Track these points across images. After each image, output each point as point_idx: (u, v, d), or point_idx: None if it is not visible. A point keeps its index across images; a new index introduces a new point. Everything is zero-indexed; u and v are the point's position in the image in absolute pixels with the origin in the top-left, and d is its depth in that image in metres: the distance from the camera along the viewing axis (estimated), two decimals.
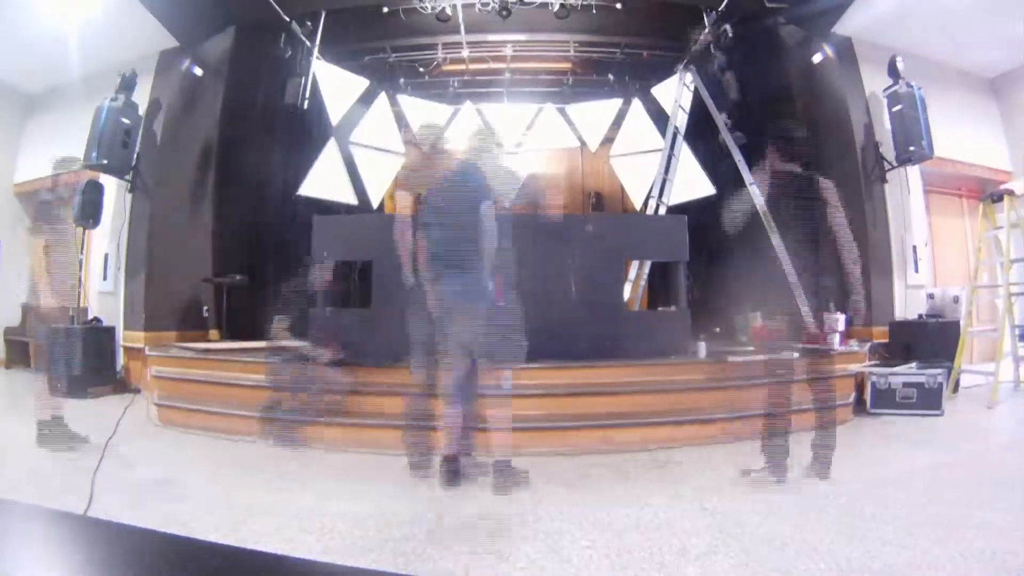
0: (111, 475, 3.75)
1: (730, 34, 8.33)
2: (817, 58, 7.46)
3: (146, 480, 3.80)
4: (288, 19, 7.99)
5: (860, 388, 5.90)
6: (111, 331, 6.97)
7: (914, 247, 7.11)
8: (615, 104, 10.59)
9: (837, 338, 6.33)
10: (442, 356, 3.76)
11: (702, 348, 5.85)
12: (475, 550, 2.77)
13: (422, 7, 7.92)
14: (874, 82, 7.20)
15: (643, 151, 10.31)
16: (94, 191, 6.84)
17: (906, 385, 5.74)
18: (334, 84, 9.10)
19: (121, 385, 6.87)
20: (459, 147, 4.07)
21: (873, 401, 5.79)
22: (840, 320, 6.55)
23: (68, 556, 1.72)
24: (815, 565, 2.55)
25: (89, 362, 6.51)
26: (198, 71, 7.59)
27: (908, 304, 6.94)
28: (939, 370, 5.75)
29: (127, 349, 7.09)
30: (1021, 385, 6.57)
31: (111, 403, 6.26)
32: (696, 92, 8.92)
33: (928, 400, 5.67)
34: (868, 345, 6.44)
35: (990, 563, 2.52)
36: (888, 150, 7.04)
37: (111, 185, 7.15)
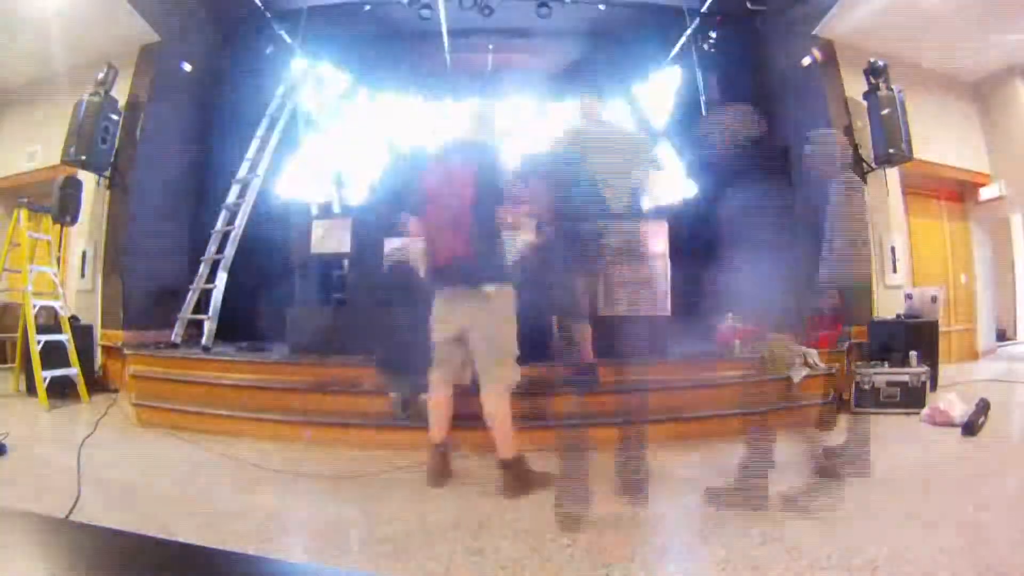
0: (86, 478, 3.71)
1: (711, 35, 8.38)
2: (798, 60, 7.51)
3: (122, 483, 3.75)
4: (269, 15, 7.94)
5: (841, 387, 5.96)
6: (89, 329, 6.87)
7: (893, 248, 7.18)
8: (596, 103, 10.58)
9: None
10: None
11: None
12: (456, 549, 2.76)
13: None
14: (855, 84, 7.26)
15: (622, 152, 10.34)
16: (72, 187, 6.74)
17: (890, 384, 5.79)
18: (315, 81, 9.05)
19: (99, 385, 6.77)
20: None
21: (857, 400, 5.83)
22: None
23: (49, 560, 1.68)
24: (795, 563, 2.57)
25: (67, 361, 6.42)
26: (187, 67, 7.53)
27: (887, 304, 7.01)
28: (923, 368, 5.82)
29: (105, 348, 7.00)
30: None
31: (89, 403, 6.19)
32: (678, 91, 8.98)
33: (912, 398, 5.72)
34: (847, 344, 6.49)
35: (970, 558, 2.54)
36: (868, 152, 7.10)
37: (90, 181, 7.05)
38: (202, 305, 7.09)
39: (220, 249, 7.26)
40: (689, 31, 8.47)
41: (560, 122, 9.59)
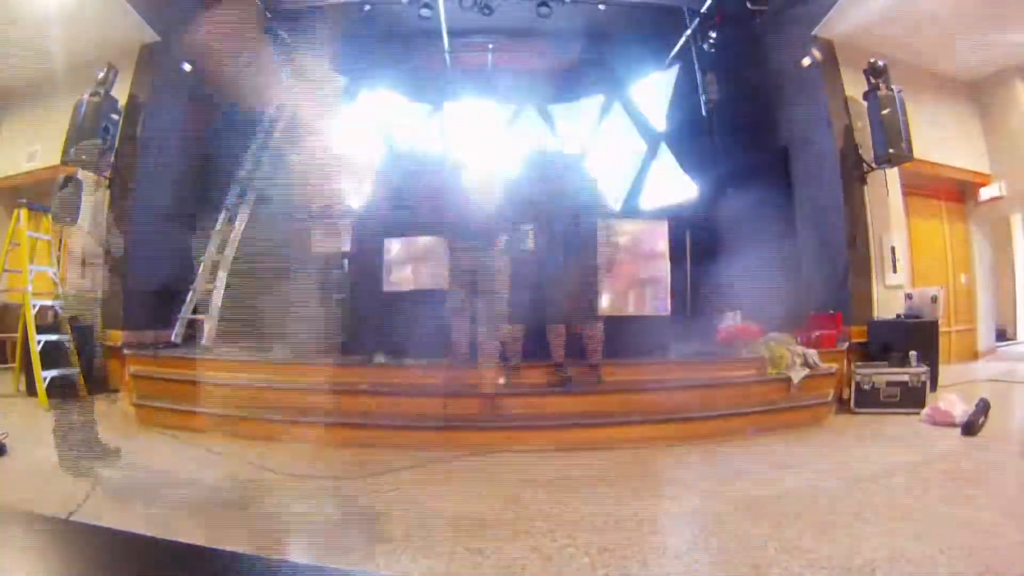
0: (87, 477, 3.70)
1: (711, 35, 8.38)
2: (798, 60, 7.50)
3: (122, 483, 3.75)
4: (269, 15, 7.94)
5: (841, 387, 5.97)
6: (89, 330, 6.85)
7: (893, 248, 7.16)
8: (596, 103, 10.61)
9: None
10: None
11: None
12: (456, 549, 2.76)
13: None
14: (855, 84, 7.24)
15: (623, 151, 10.37)
16: (72, 187, 6.73)
17: (890, 384, 5.79)
18: (315, 80, 9.04)
19: (99, 385, 6.75)
20: None
21: (857, 400, 5.83)
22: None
23: (49, 560, 1.69)
24: (795, 562, 2.57)
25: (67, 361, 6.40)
26: (187, 67, 7.54)
27: (887, 304, 7.00)
28: (923, 368, 5.82)
29: (105, 348, 6.98)
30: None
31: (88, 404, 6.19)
32: (678, 91, 8.97)
33: (912, 398, 5.72)
34: (847, 344, 6.49)
35: (969, 559, 2.54)
36: (868, 152, 7.08)
37: (90, 182, 7.04)
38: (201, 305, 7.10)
39: (220, 250, 7.26)
40: (689, 31, 8.46)
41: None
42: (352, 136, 9.71)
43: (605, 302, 6.05)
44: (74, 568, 1.67)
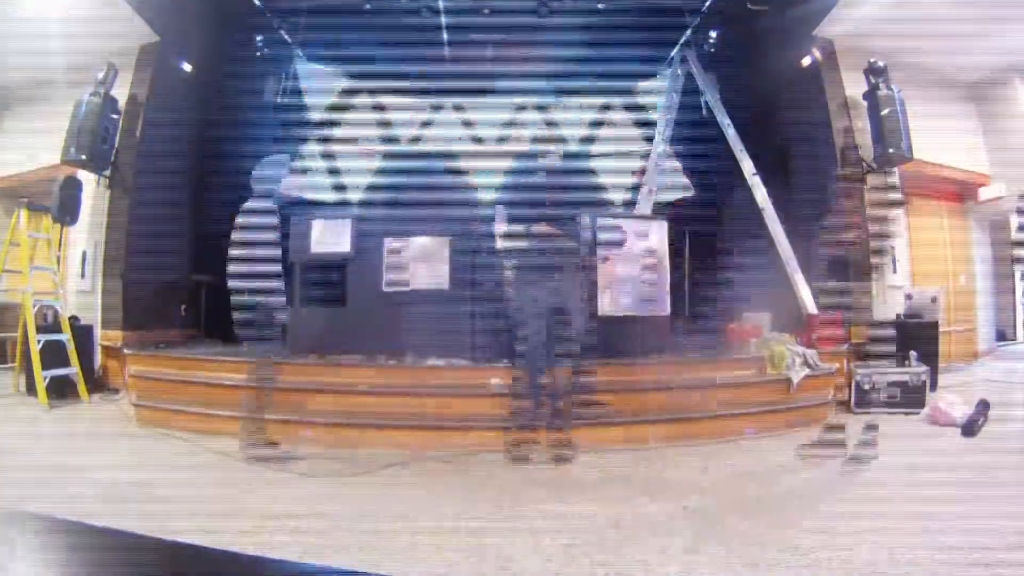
0: (87, 477, 3.71)
1: (711, 35, 8.38)
2: (798, 60, 7.50)
3: (122, 483, 3.74)
4: (269, 15, 7.93)
5: (841, 387, 5.97)
6: (89, 330, 6.86)
7: (892, 248, 7.17)
8: (597, 104, 10.62)
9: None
10: None
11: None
12: (457, 548, 2.76)
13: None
14: (855, 84, 7.25)
15: (624, 151, 10.37)
16: (72, 187, 6.73)
17: (890, 384, 5.79)
18: (315, 81, 9.06)
19: (99, 385, 6.76)
20: None
21: (857, 400, 5.83)
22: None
23: (49, 560, 1.69)
24: (796, 562, 2.57)
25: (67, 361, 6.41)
26: (187, 67, 7.54)
27: (887, 304, 7.00)
28: (923, 368, 5.82)
29: (105, 348, 6.99)
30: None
31: (89, 403, 6.21)
32: (679, 91, 8.96)
33: (912, 399, 5.72)
34: (846, 345, 6.49)
35: (968, 558, 2.54)
36: (867, 152, 7.08)
37: (90, 181, 7.05)
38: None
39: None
40: (689, 31, 8.47)
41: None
42: None
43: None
44: (74, 568, 1.67)
